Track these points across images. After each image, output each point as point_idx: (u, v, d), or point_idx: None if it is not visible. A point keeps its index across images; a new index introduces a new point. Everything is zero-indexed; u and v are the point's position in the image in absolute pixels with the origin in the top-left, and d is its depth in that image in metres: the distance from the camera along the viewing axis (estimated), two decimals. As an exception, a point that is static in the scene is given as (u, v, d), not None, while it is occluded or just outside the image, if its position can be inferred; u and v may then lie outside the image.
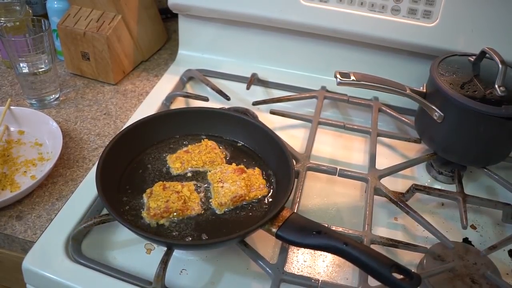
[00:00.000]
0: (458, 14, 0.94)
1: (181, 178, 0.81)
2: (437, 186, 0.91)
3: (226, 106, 0.96)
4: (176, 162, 0.82)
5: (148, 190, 0.76)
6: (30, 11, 1.12)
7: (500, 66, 0.80)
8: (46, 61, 0.98)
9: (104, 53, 1.06)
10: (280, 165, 0.80)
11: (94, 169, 0.76)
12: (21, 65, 0.97)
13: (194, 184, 0.79)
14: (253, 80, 1.09)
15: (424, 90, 0.88)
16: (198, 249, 0.73)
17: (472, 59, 0.88)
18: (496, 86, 0.80)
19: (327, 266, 0.74)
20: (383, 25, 0.98)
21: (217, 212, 0.75)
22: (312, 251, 0.76)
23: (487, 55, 0.84)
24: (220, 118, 0.89)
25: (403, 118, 0.99)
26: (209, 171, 0.81)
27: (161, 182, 0.77)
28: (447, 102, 0.82)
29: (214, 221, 0.73)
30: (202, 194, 0.77)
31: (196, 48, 1.18)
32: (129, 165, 0.82)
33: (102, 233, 0.76)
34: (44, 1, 1.18)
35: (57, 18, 1.10)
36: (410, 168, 0.93)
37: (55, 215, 0.77)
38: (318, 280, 0.68)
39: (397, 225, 0.83)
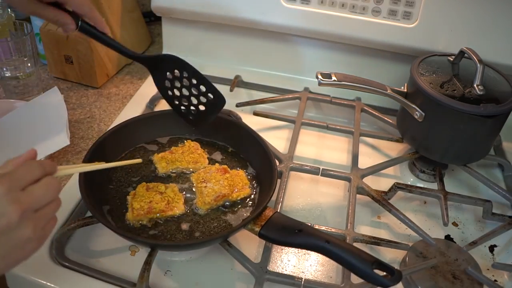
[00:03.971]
0: (437, 15, 0.96)
1: (166, 178, 0.81)
2: (420, 184, 0.92)
3: (210, 108, 0.96)
4: (161, 161, 0.82)
5: (132, 192, 0.76)
6: (13, 14, 1.11)
7: (478, 65, 0.82)
8: (29, 64, 0.98)
9: (88, 57, 1.06)
10: (263, 166, 0.80)
11: (78, 172, 0.76)
12: (4, 69, 0.97)
13: (178, 185, 0.79)
14: (237, 82, 1.10)
15: (405, 90, 0.90)
16: (181, 249, 0.73)
17: (451, 59, 0.90)
18: (475, 85, 0.82)
19: (310, 264, 0.75)
20: (364, 27, 0.99)
21: (201, 212, 0.75)
22: (295, 250, 0.77)
23: (465, 54, 0.86)
24: (204, 120, 0.89)
25: (385, 118, 1.01)
26: (193, 172, 0.81)
27: (144, 183, 0.77)
28: (427, 101, 0.84)
29: (198, 221, 0.74)
30: (186, 195, 0.78)
31: (179, 51, 1.17)
32: (113, 167, 0.82)
33: (86, 236, 0.76)
34: (27, 5, 1.17)
35: (40, 22, 1.09)
36: (394, 167, 0.94)
37: (39, 219, 0.77)
38: (302, 279, 0.69)
39: (381, 224, 0.84)
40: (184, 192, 0.78)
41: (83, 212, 0.79)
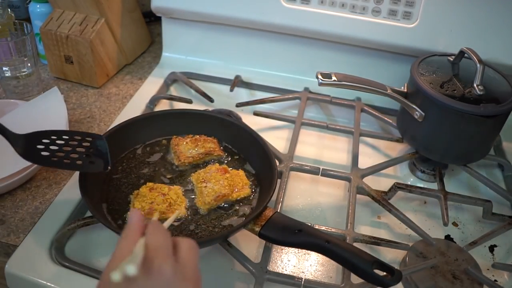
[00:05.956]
0: (437, 15, 0.96)
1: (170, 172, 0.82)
2: (420, 184, 0.92)
3: (210, 108, 0.96)
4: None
5: (135, 191, 0.76)
6: (13, 15, 1.11)
7: (478, 65, 0.81)
8: (29, 64, 0.98)
9: (88, 57, 1.06)
10: (263, 166, 0.80)
11: (78, 172, 0.76)
12: (4, 69, 0.97)
13: (181, 188, 0.79)
14: (237, 82, 1.10)
15: (405, 90, 0.89)
16: (182, 249, 0.73)
17: (452, 59, 0.90)
18: (475, 85, 0.82)
19: (310, 264, 0.75)
20: (364, 27, 0.99)
21: (201, 212, 0.75)
22: (295, 250, 0.77)
23: (465, 55, 0.85)
24: (204, 120, 0.89)
25: (386, 118, 1.01)
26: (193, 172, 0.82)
27: (151, 183, 0.77)
28: (427, 101, 0.83)
29: (198, 221, 0.74)
30: (188, 196, 0.78)
31: (179, 51, 1.18)
32: (113, 167, 0.82)
33: (86, 236, 0.76)
34: (27, 4, 1.18)
35: (40, 22, 1.09)
36: (394, 167, 0.94)
37: (39, 219, 0.77)
38: (302, 279, 0.69)
39: (381, 224, 0.84)
40: (187, 194, 0.78)
41: (83, 212, 0.80)
